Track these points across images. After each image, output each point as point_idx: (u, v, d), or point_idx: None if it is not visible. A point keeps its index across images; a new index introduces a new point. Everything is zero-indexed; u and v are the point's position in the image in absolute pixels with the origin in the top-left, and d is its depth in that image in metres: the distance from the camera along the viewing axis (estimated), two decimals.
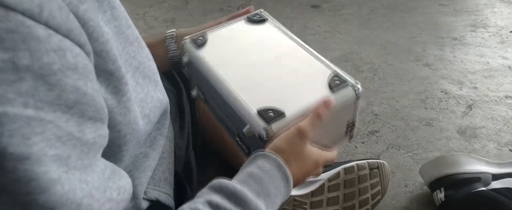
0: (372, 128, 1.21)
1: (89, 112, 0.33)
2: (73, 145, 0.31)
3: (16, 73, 0.27)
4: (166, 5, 2.18)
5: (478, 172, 0.87)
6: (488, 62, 1.57)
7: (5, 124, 0.27)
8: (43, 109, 0.29)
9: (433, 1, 2.15)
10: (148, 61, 0.49)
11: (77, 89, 0.32)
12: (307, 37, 1.80)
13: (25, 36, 0.28)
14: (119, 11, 0.44)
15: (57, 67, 0.30)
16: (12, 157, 0.27)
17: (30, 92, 0.28)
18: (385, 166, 0.87)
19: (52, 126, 0.29)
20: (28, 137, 0.28)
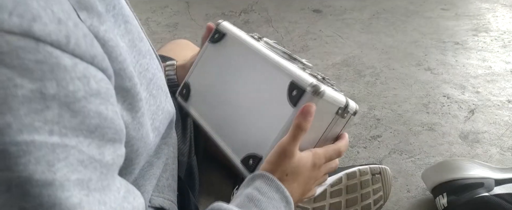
0: (374, 133, 1.21)
1: (109, 135, 0.34)
2: (94, 167, 0.32)
3: (43, 102, 0.28)
4: (169, 10, 2.19)
5: (481, 177, 0.86)
6: (490, 66, 1.57)
7: (32, 152, 0.28)
8: (67, 135, 0.30)
9: (435, 5, 2.15)
10: (159, 72, 0.49)
11: (99, 114, 0.33)
12: (308, 41, 1.81)
13: (53, 66, 0.29)
14: (132, 24, 0.45)
15: (81, 94, 0.31)
16: (37, 183, 0.28)
17: (55, 120, 0.29)
18: (387, 171, 0.87)
19: (75, 151, 0.30)
20: (53, 164, 0.29)
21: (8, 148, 0.27)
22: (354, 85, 1.46)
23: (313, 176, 0.54)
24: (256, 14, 2.10)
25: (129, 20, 0.44)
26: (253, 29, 1.92)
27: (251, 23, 2.00)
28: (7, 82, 0.27)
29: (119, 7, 0.42)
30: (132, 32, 0.44)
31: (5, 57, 0.27)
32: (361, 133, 1.21)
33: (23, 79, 0.27)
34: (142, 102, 0.41)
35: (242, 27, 1.95)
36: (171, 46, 0.98)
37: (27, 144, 0.28)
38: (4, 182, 0.27)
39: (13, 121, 0.27)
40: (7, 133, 0.27)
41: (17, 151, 0.27)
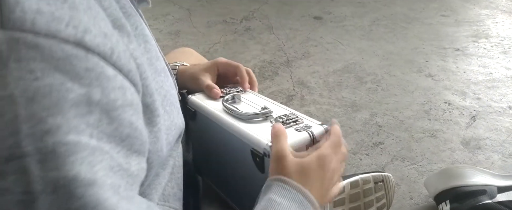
0: (376, 139, 1.21)
1: (136, 145, 0.36)
2: (121, 175, 0.33)
3: (88, 107, 0.31)
4: (171, 17, 2.21)
5: (483, 184, 0.87)
6: (491, 72, 1.57)
7: (78, 152, 0.29)
8: (103, 140, 0.32)
9: (435, 12, 2.17)
10: (173, 90, 0.51)
11: (131, 124, 0.35)
12: (309, 48, 1.82)
13: (99, 74, 0.31)
14: (150, 44, 0.47)
15: (119, 104, 0.33)
16: (82, 183, 0.29)
17: (95, 124, 0.31)
18: (390, 179, 0.87)
19: (108, 157, 0.32)
20: (94, 165, 0.30)
21: (57, 148, 0.28)
22: (356, 91, 1.47)
23: (329, 172, 0.51)
24: (257, 21, 2.11)
25: (148, 39, 0.46)
26: (254, 36, 1.93)
27: (252, 30, 2.01)
28: (60, 86, 0.29)
29: (140, 28, 0.45)
30: (150, 51, 0.46)
31: (59, 63, 0.29)
32: (363, 140, 1.21)
33: (74, 84, 0.30)
34: (159, 118, 0.43)
35: (244, 34, 1.96)
36: (175, 54, 0.98)
37: (74, 144, 0.29)
38: (51, 183, 0.28)
39: (63, 123, 0.29)
40: (57, 134, 0.28)
41: (65, 151, 0.29)
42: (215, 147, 0.69)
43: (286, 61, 1.71)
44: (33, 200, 0.28)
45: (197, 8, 2.33)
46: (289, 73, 1.61)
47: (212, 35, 1.97)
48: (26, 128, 0.28)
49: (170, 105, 0.49)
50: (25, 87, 0.28)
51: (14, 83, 0.27)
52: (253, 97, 0.70)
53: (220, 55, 1.77)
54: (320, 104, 1.40)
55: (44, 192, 0.28)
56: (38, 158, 0.28)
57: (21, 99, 0.27)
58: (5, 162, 0.27)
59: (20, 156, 0.27)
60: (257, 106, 0.65)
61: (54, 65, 0.29)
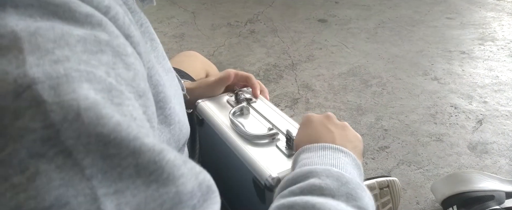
0: (382, 143, 1.20)
1: (149, 112, 0.32)
2: (145, 134, 0.28)
3: (98, 45, 0.28)
4: (175, 20, 2.21)
5: (491, 190, 0.86)
6: (497, 76, 1.56)
7: (92, 81, 0.26)
8: (122, 84, 0.28)
9: (440, 15, 2.16)
10: (178, 90, 0.50)
11: (145, 79, 0.32)
12: (314, 51, 1.81)
13: (100, 19, 0.30)
14: (157, 42, 0.46)
15: (130, 51, 0.31)
16: (106, 105, 0.26)
17: (110, 64, 0.28)
18: (396, 183, 0.87)
19: (130, 103, 0.28)
20: (106, 102, 0.26)
21: (70, 72, 0.25)
22: (361, 95, 1.46)
23: (318, 120, 0.52)
24: (261, 24, 2.11)
25: (154, 38, 0.46)
26: (259, 39, 1.93)
27: (257, 33, 2.01)
28: (61, 26, 0.28)
29: (146, 25, 0.44)
30: (157, 49, 0.46)
31: (58, 9, 0.28)
32: (369, 144, 1.20)
33: (76, 27, 0.28)
34: (161, 110, 0.41)
35: (248, 37, 1.96)
36: (181, 58, 0.98)
37: (88, 73, 0.26)
38: (71, 108, 0.24)
39: (71, 55, 0.26)
40: (68, 62, 0.26)
41: (79, 76, 0.25)
42: (220, 157, 0.67)
43: (291, 64, 1.71)
44: (56, 134, 0.24)
45: (201, 11, 2.33)
46: (293, 76, 1.61)
47: (217, 38, 1.98)
48: (33, 59, 0.25)
49: (179, 105, 0.48)
50: (27, 25, 0.26)
51: (14, 22, 0.26)
52: (263, 107, 0.67)
53: (225, 58, 1.77)
54: (325, 108, 1.39)
55: (66, 121, 0.24)
56: (50, 83, 0.24)
57: (24, 34, 0.26)
58: (16, 97, 0.24)
59: (29, 84, 0.24)
60: (265, 124, 0.62)
61: (52, 11, 0.28)
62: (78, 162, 0.24)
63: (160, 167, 0.26)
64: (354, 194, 0.38)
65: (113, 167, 0.25)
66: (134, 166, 0.25)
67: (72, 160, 0.24)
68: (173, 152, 0.28)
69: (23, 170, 0.24)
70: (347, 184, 0.38)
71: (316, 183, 0.38)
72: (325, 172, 0.39)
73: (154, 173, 0.26)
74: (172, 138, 0.45)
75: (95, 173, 0.24)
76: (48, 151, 0.24)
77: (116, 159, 0.25)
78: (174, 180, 0.27)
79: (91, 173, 0.24)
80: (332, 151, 0.45)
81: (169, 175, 0.27)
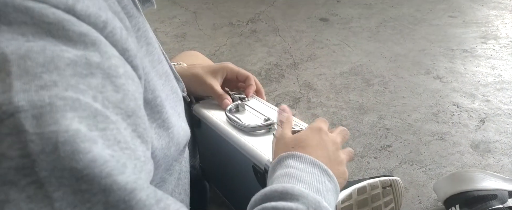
0: (384, 142, 1.20)
1: (140, 129, 0.32)
2: (128, 155, 0.29)
3: (88, 68, 0.28)
4: (177, 20, 2.21)
5: (494, 189, 0.85)
6: (500, 74, 1.55)
7: (77, 109, 0.26)
8: (109, 108, 0.29)
9: (442, 13, 2.15)
10: (173, 94, 0.50)
11: (135, 98, 0.32)
12: (316, 50, 1.81)
13: (94, 39, 0.30)
14: (153, 47, 0.46)
15: (122, 72, 0.31)
16: (85, 138, 0.26)
17: (99, 88, 0.28)
18: (399, 183, 0.86)
19: (114, 127, 0.28)
20: (91, 129, 0.27)
21: (55, 101, 0.25)
22: (363, 94, 1.46)
23: (327, 139, 0.50)
24: (263, 23, 2.11)
25: (151, 42, 0.46)
26: (260, 39, 1.93)
27: (258, 32, 2.01)
28: (53, 47, 0.27)
29: (143, 29, 0.44)
30: (152, 54, 0.46)
31: (51, 27, 0.28)
32: (371, 143, 1.20)
33: (68, 47, 0.28)
34: (159, 115, 0.42)
35: (250, 36, 1.96)
36: (183, 58, 0.98)
37: (74, 101, 0.26)
38: (49, 140, 0.25)
39: (59, 80, 0.26)
40: (54, 88, 0.26)
41: (64, 105, 0.26)
42: (219, 156, 0.68)
43: (293, 63, 1.71)
44: (32, 165, 0.24)
45: (203, 11, 2.33)
46: (295, 75, 1.61)
47: (218, 38, 1.98)
48: (20, 84, 0.25)
49: (174, 108, 0.48)
50: (18, 46, 0.26)
51: (5, 42, 0.26)
52: (257, 104, 0.69)
53: (226, 58, 1.77)
54: (327, 107, 1.39)
55: (43, 152, 0.24)
56: (33, 113, 0.24)
57: (13, 56, 0.25)
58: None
59: (13, 113, 0.24)
60: (260, 117, 0.64)
61: (45, 29, 0.28)
62: (49, 194, 0.25)
63: (129, 206, 0.27)
64: None
65: (82, 202, 0.25)
66: (103, 203, 0.26)
67: (43, 192, 0.24)
68: (146, 191, 0.28)
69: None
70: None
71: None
72: (314, 204, 0.39)
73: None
74: (171, 141, 0.45)
75: (64, 206, 0.25)
76: (21, 180, 0.24)
77: (87, 195, 0.25)
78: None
79: (60, 206, 0.25)
80: (320, 172, 0.44)
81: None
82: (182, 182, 0.60)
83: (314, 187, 0.42)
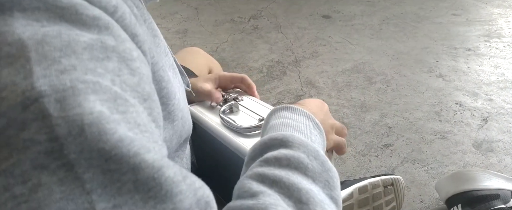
0: (386, 141, 1.19)
1: (155, 113, 0.32)
2: (148, 138, 0.28)
3: (105, 51, 0.29)
4: (178, 16, 2.20)
5: (496, 188, 0.85)
6: (503, 73, 1.54)
7: (98, 92, 0.26)
8: (127, 91, 0.29)
9: (445, 11, 2.13)
10: (181, 86, 0.50)
11: (150, 82, 0.32)
12: (318, 47, 1.80)
13: (107, 23, 0.30)
14: (160, 39, 0.46)
15: (136, 55, 0.31)
16: (109, 119, 0.26)
17: (116, 71, 0.29)
18: (400, 182, 0.86)
19: (134, 110, 0.28)
20: (113, 112, 0.27)
21: (76, 84, 0.26)
22: (365, 92, 1.45)
23: (325, 110, 0.54)
24: (265, 20, 2.10)
25: (157, 34, 0.46)
26: (262, 35, 1.92)
27: (260, 29, 2.00)
28: (68, 31, 0.28)
29: (149, 21, 0.44)
30: (159, 46, 0.46)
31: (64, 12, 0.28)
32: (372, 141, 1.19)
33: (82, 31, 0.28)
34: (164, 106, 0.42)
35: (251, 33, 1.95)
36: (184, 54, 0.98)
37: (94, 84, 0.26)
38: (75, 122, 0.25)
39: (78, 64, 0.27)
40: (74, 72, 0.26)
41: (85, 88, 0.26)
42: (215, 157, 0.68)
43: (294, 60, 1.70)
44: (60, 148, 0.24)
45: (205, 7, 2.32)
46: (297, 72, 1.60)
47: (220, 34, 1.97)
48: (40, 70, 0.25)
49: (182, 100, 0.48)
50: (34, 32, 0.26)
51: (21, 28, 0.27)
52: (252, 104, 0.68)
53: (228, 54, 1.76)
54: (328, 105, 1.38)
55: (70, 135, 0.24)
56: (56, 97, 0.25)
57: (31, 42, 0.26)
58: (23, 109, 0.24)
59: (37, 98, 0.24)
60: (255, 117, 0.63)
61: (59, 14, 0.28)
62: (79, 176, 0.25)
63: (158, 183, 0.27)
64: (331, 183, 0.38)
65: (112, 182, 0.25)
66: (133, 182, 0.26)
67: (73, 174, 0.25)
68: (173, 168, 0.28)
69: (26, 181, 0.24)
70: (328, 171, 0.38)
71: (303, 162, 0.38)
72: (314, 153, 0.39)
73: (152, 189, 0.26)
74: (175, 134, 0.45)
75: (95, 187, 0.25)
76: (51, 164, 0.24)
77: (116, 175, 0.25)
78: (171, 197, 0.27)
79: (91, 187, 0.25)
80: (313, 125, 0.46)
81: (167, 192, 0.27)
82: None
83: (309, 137, 0.43)
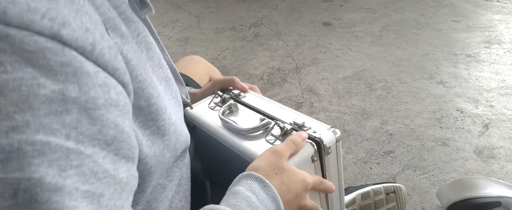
0: (387, 148, 1.19)
1: (124, 150, 0.33)
2: (107, 183, 0.31)
3: (64, 104, 0.29)
4: (180, 24, 2.22)
5: (498, 196, 0.84)
6: (504, 79, 1.55)
7: (46, 153, 0.27)
8: (83, 143, 0.29)
9: (446, 17, 2.14)
10: (173, 99, 0.50)
11: (116, 125, 0.32)
12: (318, 54, 1.81)
13: (76, 70, 0.29)
14: (154, 52, 0.46)
15: (101, 102, 0.31)
16: (47, 187, 0.27)
17: (73, 125, 0.29)
18: (402, 190, 0.86)
19: (90, 161, 0.30)
20: (64, 169, 0.28)
21: (23, 147, 0.26)
22: (366, 99, 1.45)
23: (299, 189, 0.52)
24: (266, 28, 2.11)
25: (151, 47, 0.46)
26: (263, 43, 1.93)
27: (261, 36, 2.01)
28: (31, 81, 0.27)
29: (143, 34, 0.44)
30: (153, 58, 0.46)
31: (31, 56, 0.27)
32: (373, 148, 1.19)
33: (47, 80, 0.28)
34: (153, 122, 0.42)
35: (252, 40, 1.96)
36: (184, 63, 0.98)
37: (43, 145, 0.27)
38: (11, 186, 0.26)
39: (32, 120, 0.27)
40: (24, 131, 0.26)
41: (32, 151, 0.27)
42: (218, 159, 0.68)
43: (295, 67, 1.70)
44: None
45: (206, 15, 2.33)
46: (298, 80, 1.61)
47: (221, 42, 1.98)
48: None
49: (175, 114, 0.48)
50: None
51: None
52: (251, 99, 0.67)
53: (229, 62, 1.77)
54: (329, 112, 1.39)
55: (2, 196, 0.26)
56: (1, 157, 0.26)
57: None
58: None
59: None
60: (256, 116, 0.62)
61: (25, 58, 0.27)
62: None
63: None
64: None
65: None
66: None
67: None
68: None
69: None
70: None
71: None
72: None
73: None
74: (166, 148, 0.45)
75: None
76: None
77: None
78: None
79: None
80: (268, 200, 0.47)
81: None
82: (183, 188, 0.60)
83: (255, 208, 0.45)
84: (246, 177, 0.49)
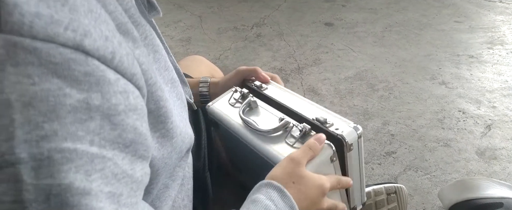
0: (388, 149, 1.19)
1: (141, 151, 0.35)
2: (125, 182, 0.33)
3: (88, 112, 0.30)
4: (182, 24, 2.22)
5: (500, 197, 0.84)
6: (507, 80, 1.54)
7: (74, 160, 0.29)
8: (105, 147, 0.31)
9: (448, 18, 2.14)
10: (178, 100, 0.50)
11: (135, 129, 0.34)
12: (320, 55, 1.81)
13: (99, 79, 0.31)
14: (160, 54, 0.48)
15: (122, 108, 0.33)
16: (76, 191, 0.29)
17: (96, 131, 0.31)
18: (403, 190, 0.86)
19: (111, 164, 0.32)
20: (90, 174, 0.30)
21: (53, 155, 0.28)
22: (367, 99, 1.45)
23: (316, 196, 0.53)
24: (268, 28, 2.11)
25: (158, 50, 0.47)
26: (265, 43, 1.93)
27: (263, 36, 2.01)
28: (57, 91, 0.29)
29: (150, 37, 0.45)
30: (159, 61, 0.47)
31: (57, 67, 0.29)
32: (375, 149, 1.19)
33: (72, 89, 0.29)
34: (162, 125, 0.43)
35: (254, 40, 1.96)
36: (187, 63, 0.99)
37: (70, 152, 0.29)
38: (43, 191, 0.28)
39: (59, 129, 0.29)
40: (53, 140, 0.28)
41: (61, 158, 0.28)
42: (239, 155, 0.68)
43: (297, 68, 1.70)
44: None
45: (208, 15, 2.34)
46: (299, 80, 1.61)
47: (223, 42, 1.98)
48: (22, 134, 0.27)
49: (180, 116, 0.49)
50: (22, 92, 0.27)
51: (11, 87, 0.27)
52: (273, 91, 0.67)
53: (231, 62, 1.77)
54: None
55: (36, 201, 0.28)
56: (32, 165, 0.27)
57: (17, 104, 0.27)
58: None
59: (14, 163, 0.27)
60: (276, 114, 0.63)
61: (52, 70, 0.28)
62: None
63: None
64: None
65: None
66: None
67: None
68: None
69: None
70: None
71: None
72: None
73: None
74: (174, 150, 0.46)
75: None
76: None
77: None
78: None
79: None
80: (286, 207, 0.48)
81: None
82: (185, 188, 0.60)
83: None
84: (266, 186, 0.50)
